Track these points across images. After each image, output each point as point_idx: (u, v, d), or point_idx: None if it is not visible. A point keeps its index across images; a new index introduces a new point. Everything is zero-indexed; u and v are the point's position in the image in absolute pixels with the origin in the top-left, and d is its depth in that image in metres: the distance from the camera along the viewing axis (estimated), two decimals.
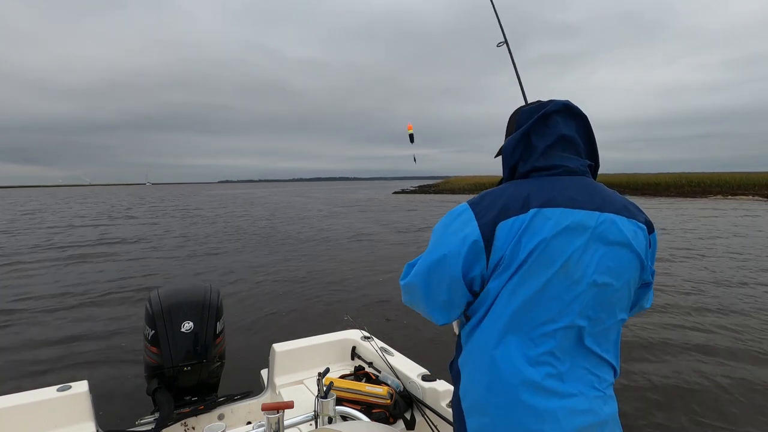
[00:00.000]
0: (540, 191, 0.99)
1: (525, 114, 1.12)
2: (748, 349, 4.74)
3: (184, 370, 2.11)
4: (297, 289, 7.54)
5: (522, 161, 1.08)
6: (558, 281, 0.94)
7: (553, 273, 0.94)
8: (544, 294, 0.94)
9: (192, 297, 2.22)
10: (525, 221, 0.96)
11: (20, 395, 1.88)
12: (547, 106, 1.07)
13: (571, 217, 0.96)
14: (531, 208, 0.97)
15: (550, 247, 0.94)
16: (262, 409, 1.46)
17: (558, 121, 1.06)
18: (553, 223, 0.95)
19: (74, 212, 28.28)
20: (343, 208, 28.53)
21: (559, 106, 1.07)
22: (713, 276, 8.08)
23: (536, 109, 1.09)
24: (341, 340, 2.53)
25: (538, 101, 1.15)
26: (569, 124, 1.08)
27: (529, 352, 0.94)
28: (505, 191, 1.02)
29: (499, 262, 0.96)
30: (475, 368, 1.01)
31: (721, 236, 13.03)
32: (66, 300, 7.05)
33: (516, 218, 0.96)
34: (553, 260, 0.94)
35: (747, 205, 25.55)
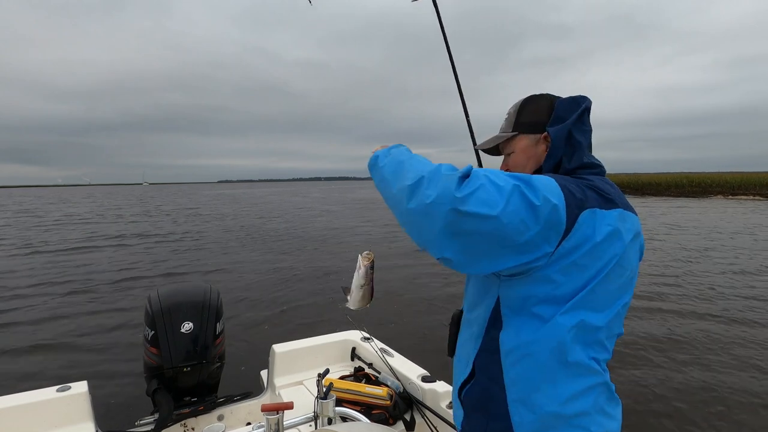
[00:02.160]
0: (606, 190, 0.94)
1: (565, 105, 1.05)
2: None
3: (184, 370, 2.11)
4: (297, 289, 7.54)
5: (566, 156, 1.02)
6: (625, 289, 0.95)
7: (624, 281, 0.94)
8: (613, 303, 0.94)
9: (192, 297, 2.22)
10: (613, 219, 0.90)
11: (20, 395, 1.88)
12: (585, 102, 1.05)
13: (630, 219, 0.95)
14: (617, 207, 0.92)
15: (626, 252, 0.92)
16: (262, 409, 1.46)
17: (588, 119, 1.07)
18: (629, 227, 0.93)
19: (73, 211, 28.30)
20: (342, 208, 28.54)
21: (589, 103, 1.06)
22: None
23: (575, 102, 1.05)
24: (341, 341, 2.53)
25: (548, 94, 1.11)
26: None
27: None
28: (573, 180, 0.92)
29: (569, 253, 0.85)
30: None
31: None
32: (65, 300, 7.05)
33: (603, 212, 0.89)
34: (624, 267, 0.93)
35: (751, 205, 25.52)
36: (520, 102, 1.13)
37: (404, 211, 0.88)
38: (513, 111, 1.13)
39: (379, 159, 1.04)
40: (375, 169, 1.05)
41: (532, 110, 1.10)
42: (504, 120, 1.16)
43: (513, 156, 1.11)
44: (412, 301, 6.68)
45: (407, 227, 0.90)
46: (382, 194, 1.00)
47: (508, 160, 1.14)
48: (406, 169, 0.92)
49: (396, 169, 0.95)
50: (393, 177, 0.95)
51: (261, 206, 31.76)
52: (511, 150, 1.11)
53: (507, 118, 1.14)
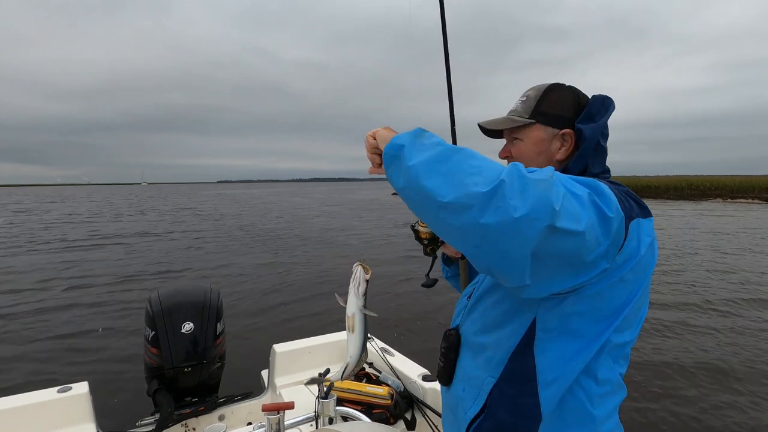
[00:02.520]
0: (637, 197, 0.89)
1: (597, 105, 0.97)
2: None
3: (185, 371, 2.11)
4: (297, 289, 7.54)
5: (592, 160, 0.95)
6: (646, 298, 0.90)
7: (647, 290, 0.89)
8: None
9: (192, 298, 2.22)
10: (651, 229, 0.84)
11: (20, 396, 1.88)
12: (613, 104, 0.98)
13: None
14: (651, 215, 0.85)
15: (653, 262, 0.87)
16: (263, 409, 1.46)
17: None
18: (655, 234, 0.87)
19: (72, 210, 28.26)
20: (343, 209, 28.54)
21: (614, 106, 1.00)
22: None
23: (605, 103, 0.98)
24: (341, 341, 2.53)
25: (572, 86, 1.02)
26: None
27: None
28: (613, 185, 0.84)
29: (619, 268, 0.78)
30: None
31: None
32: (65, 300, 7.04)
33: (643, 222, 0.82)
34: (650, 276, 0.87)
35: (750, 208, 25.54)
36: (544, 87, 1.01)
37: (471, 226, 0.67)
38: (533, 95, 1.00)
39: (405, 151, 0.77)
40: (398, 165, 0.77)
41: (555, 100, 0.99)
42: (519, 102, 1.03)
43: (521, 145, 1.01)
44: (412, 300, 6.69)
45: (472, 248, 0.71)
46: (414, 199, 0.76)
47: (511, 148, 1.03)
48: (465, 168, 0.70)
49: (446, 169, 0.71)
50: (442, 179, 0.71)
51: (261, 207, 31.75)
52: (521, 138, 1.00)
53: (524, 101, 1.02)
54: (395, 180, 0.79)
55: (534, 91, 1.01)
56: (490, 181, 0.66)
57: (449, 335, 1.05)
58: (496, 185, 0.66)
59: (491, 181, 0.66)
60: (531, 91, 1.02)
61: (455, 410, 1.00)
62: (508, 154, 1.04)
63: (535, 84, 1.05)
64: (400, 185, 0.78)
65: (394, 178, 0.79)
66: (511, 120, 1.01)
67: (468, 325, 1.02)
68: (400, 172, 0.77)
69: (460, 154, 0.73)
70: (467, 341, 1.01)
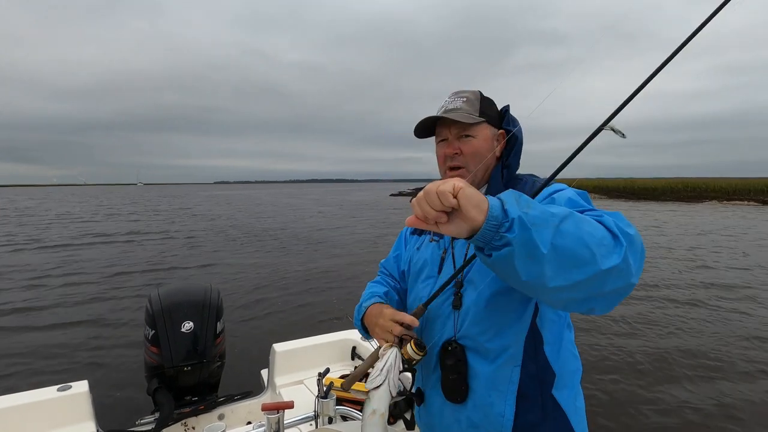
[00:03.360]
0: None
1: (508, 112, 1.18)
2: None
3: (185, 370, 2.11)
4: (297, 288, 7.55)
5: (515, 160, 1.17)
6: None
7: None
8: None
9: (192, 297, 2.22)
10: None
11: (20, 395, 1.88)
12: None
13: None
14: None
15: None
16: (262, 409, 1.46)
17: None
18: None
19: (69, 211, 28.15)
20: (341, 210, 28.52)
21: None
22: None
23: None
24: (341, 340, 2.54)
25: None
26: None
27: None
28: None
29: None
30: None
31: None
32: (65, 299, 7.02)
33: None
34: None
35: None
36: (476, 92, 1.14)
37: (594, 296, 0.75)
38: (473, 97, 1.12)
39: (527, 221, 0.70)
40: (509, 241, 0.70)
41: (489, 104, 1.15)
42: (461, 102, 1.11)
43: (473, 142, 1.09)
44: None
45: (575, 303, 0.77)
46: (529, 272, 0.72)
47: (461, 145, 1.09)
48: (586, 239, 0.72)
49: (568, 252, 0.71)
50: (565, 261, 0.71)
51: (259, 207, 31.70)
52: (474, 135, 1.09)
53: (465, 101, 1.11)
54: (496, 253, 0.72)
55: (470, 93, 1.13)
56: (616, 253, 0.73)
57: (454, 349, 1.02)
58: (623, 258, 0.73)
59: (617, 254, 0.73)
60: (467, 93, 1.13)
61: (482, 423, 1.00)
62: (457, 151, 1.09)
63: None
64: (502, 257, 0.72)
65: (496, 254, 0.72)
66: (470, 117, 1.08)
67: (474, 333, 1.01)
68: (511, 251, 0.71)
69: (570, 222, 0.73)
70: (478, 349, 1.01)
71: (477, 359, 1.01)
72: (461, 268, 0.97)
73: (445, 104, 1.14)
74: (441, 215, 0.74)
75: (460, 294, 1.04)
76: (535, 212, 0.72)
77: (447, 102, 1.14)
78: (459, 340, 1.03)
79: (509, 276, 0.75)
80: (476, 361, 1.01)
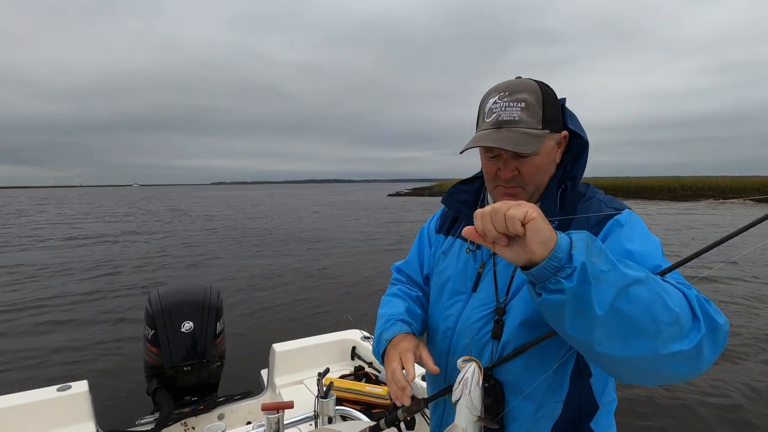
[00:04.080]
0: None
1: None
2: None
3: (184, 370, 2.11)
4: (297, 289, 7.55)
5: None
6: None
7: None
8: None
9: (192, 297, 2.22)
10: None
11: (20, 395, 1.88)
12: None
13: None
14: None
15: None
16: (262, 409, 1.46)
17: None
18: None
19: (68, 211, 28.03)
20: (339, 210, 28.51)
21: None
22: None
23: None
24: (341, 340, 2.54)
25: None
26: None
27: None
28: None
29: None
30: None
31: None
32: (65, 299, 7.01)
33: None
34: None
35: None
36: (538, 89, 0.89)
37: (647, 375, 0.67)
38: (534, 101, 0.87)
39: (590, 273, 0.62)
40: (567, 292, 0.63)
41: (552, 103, 0.90)
42: (518, 109, 0.86)
43: (536, 160, 0.88)
44: None
45: (624, 374, 0.69)
46: (589, 337, 0.65)
47: (520, 165, 0.89)
48: (657, 314, 0.63)
49: (635, 315, 0.63)
50: (624, 327, 0.63)
51: (258, 207, 31.67)
52: (537, 152, 0.87)
53: (525, 108, 0.86)
54: (547, 296, 0.66)
55: (530, 94, 0.87)
56: (689, 337, 0.64)
57: (492, 387, 0.88)
58: (696, 345, 0.64)
59: (690, 339, 0.64)
60: (525, 94, 0.87)
61: None
62: (515, 173, 0.90)
63: (535, 78, 0.93)
64: (556, 306, 0.66)
65: (550, 296, 0.65)
66: (534, 137, 0.85)
67: (515, 368, 0.87)
68: (563, 300, 0.64)
69: (644, 287, 0.64)
70: (520, 386, 0.87)
71: (517, 399, 0.87)
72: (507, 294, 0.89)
73: (497, 111, 0.88)
74: (502, 237, 0.67)
75: (502, 322, 0.89)
76: (604, 265, 0.63)
77: (499, 106, 0.88)
78: (496, 374, 0.89)
79: (555, 323, 0.69)
80: (516, 401, 0.87)
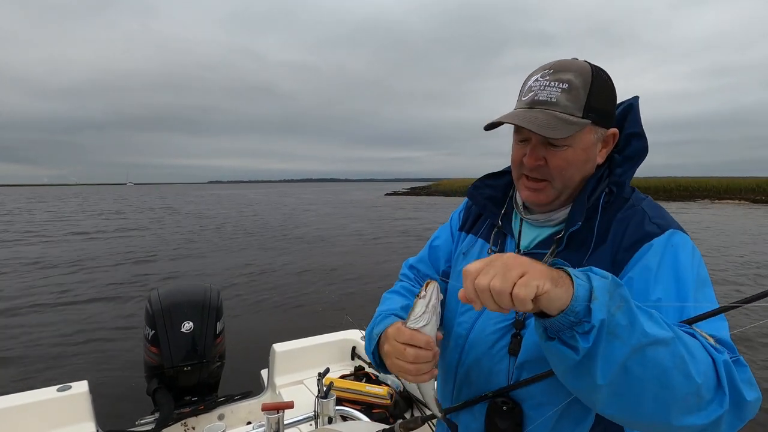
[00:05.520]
0: None
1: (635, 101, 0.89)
2: None
3: (184, 370, 2.11)
4: (297, 289, 7.55)
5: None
6: None
7: None
8: None
9: (192, 297, 2.22)
10: None
11: (20, 395, 1.87)
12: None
13: None
14: None
15: None
16: (262, 409, 1.46)
17: None
18: None
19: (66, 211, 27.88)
20: (337, 209, 28.50)
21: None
22: None
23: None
24: (341, 340, 2.54)
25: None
26: None
27: None
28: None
29: None
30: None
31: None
32: (65, 299, 6.98)
33: None
34: None
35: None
36: (588, 72, 0.76)
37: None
38: (580, 84, 0.75)
39: (607, 329, 0.55)
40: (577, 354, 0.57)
41: (603, 92, 0.77)
42: (556, 86, 0.75)
43: (568, 152, 0.77)
44: None
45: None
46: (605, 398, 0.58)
47: (549, 155, 0.78)
48: (665, 389, 0.56)
49: (646, 379, 0.56)
50: (631, 391, 0.57)
51: (257, 207, 31.60)
52: (570, 143, 0.76)
53: (567, 89, 0.75)
54: (556, 346, 0.59)
55: (577, 76, 0.75)
56: (707, 410, 0.57)
57: (510, 410, 0.79)
58: (715, 420, 0.57)
59: (708, 412, 0.57)
60: (571, 74, 0.75)
61: None
62: (540, 162, 0.79)
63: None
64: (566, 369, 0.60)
65: (560, 355, 0.59)
66: (568, 123, 0.74)
67: (536, 389, 0.77)
68: (573, 357, 0.57)
69: (666, 351, 0.56)
70: (540, 408, 0.78)
71: (537, 422, 0.78)
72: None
73: (536, 89, 0.77)
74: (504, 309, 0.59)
75: (520, 336, 0.80)
76: (623, 319, 0.55)
77: (539, 85, 0.77)
78: (514, 395, 0.81)
79: (556, 371, 0.63)
80: (536, 426, 0.78)
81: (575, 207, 0.80)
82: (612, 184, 0.81)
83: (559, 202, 0.83)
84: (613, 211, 0.80)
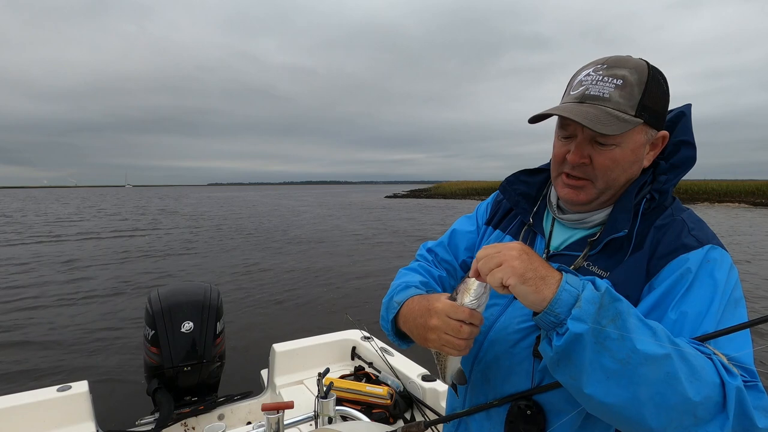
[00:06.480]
0: None
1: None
2: None
3: (184, 370, 2.11)
4: (297, 289, 7.55)
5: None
6: None
7: None
8: None
9: (192, 297, 2.22)
10: None
11: (20, 395, 1.88)
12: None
13: None
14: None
15: None
16: (262, 409, 1.46)
17: None
18: None
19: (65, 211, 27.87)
20: (338, 211, 28.52)
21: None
22: None
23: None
24: (341, 340, 2.54)
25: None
26: None
27: None
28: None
29: None
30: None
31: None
32: (65, 299, 6.98)
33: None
34: None
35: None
36: (644, 69, 0.73)
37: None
38: (635, 81, 0.72)
39: (594, 338, 0.57)
40: (567, 362, 0.61)
41: (657, 92, 0.74)
42: (609, 82, 0.73)
43: (615, 152, 0.74)
44: None
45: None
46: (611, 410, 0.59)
47: (595, 154, 0.75)
48: (675, 404, 0.56)
49: (632, 398, 0.57)
50: (613, 411, 0.59)
51: (256, 208, 31.61)
52: (616, 143, 0.73)
53: (621, 85, 0.72)
54: (559, 365, 0.62)
55: (633, 73, 0.73)
56: (705, 430, 0.56)
57: (534, 414, 0.76)
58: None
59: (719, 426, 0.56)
60: (626, 72, 0.73)
61: None
62: (585, 160, 0.76)
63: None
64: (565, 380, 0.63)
65: (556, 366, 0.63)
66: (621, 120, 0.71)
67: (559, 393, 0.74)
68: (571, 371, 0.61)
69: (660, 367, 0.56)
70: (564, 413, 0.75)
71: (559, 425, 0.75)
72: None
73: (587, 83, 0.74)
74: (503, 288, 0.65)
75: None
76: (614, 332, 0.56)
77: (591, 79, 0.75)
78: (537, 398, 0.78)
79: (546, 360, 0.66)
80: (558, 425, 0.76)
81: (619, 212, 0.77)
82: (655, 191, 0.78)
83: (598, 203, 0.80)
84: (652, 219, 0.77)
